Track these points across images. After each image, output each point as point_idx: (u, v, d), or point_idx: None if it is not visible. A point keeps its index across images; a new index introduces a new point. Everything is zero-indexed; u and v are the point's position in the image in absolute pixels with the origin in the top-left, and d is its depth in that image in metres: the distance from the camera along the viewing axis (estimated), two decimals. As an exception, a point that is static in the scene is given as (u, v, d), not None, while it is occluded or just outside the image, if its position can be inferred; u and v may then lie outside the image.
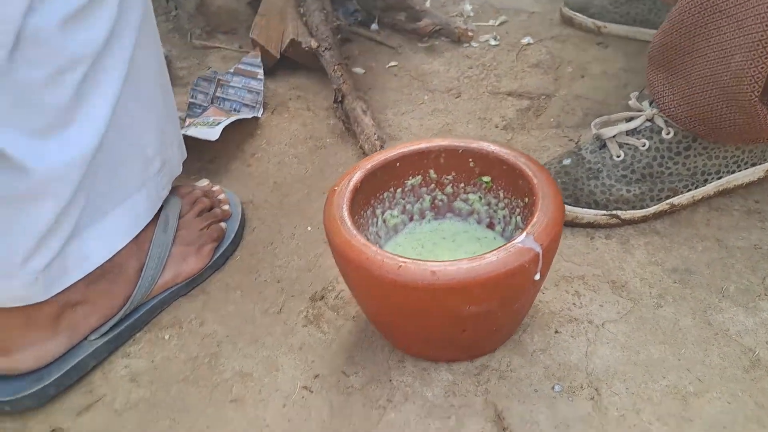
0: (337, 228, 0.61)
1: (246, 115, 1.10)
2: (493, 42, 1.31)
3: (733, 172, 0.82)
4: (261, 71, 1.16)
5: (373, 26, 1.39)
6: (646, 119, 0.80)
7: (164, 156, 0.76)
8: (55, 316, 0.66)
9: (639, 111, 0.83)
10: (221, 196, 0.88)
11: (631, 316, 0.70)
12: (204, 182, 0.90)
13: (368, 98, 1.15)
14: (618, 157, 0.81)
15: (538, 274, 0.58)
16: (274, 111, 1.14)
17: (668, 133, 0.79)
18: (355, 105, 1.06)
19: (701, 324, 0.68)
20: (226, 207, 0.87)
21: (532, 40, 1.30)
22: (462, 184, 0.74)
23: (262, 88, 1.14)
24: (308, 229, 0.87)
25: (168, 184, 0.78)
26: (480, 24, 1.39)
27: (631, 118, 0.83)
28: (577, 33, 1.31)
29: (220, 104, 1.14)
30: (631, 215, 0.81)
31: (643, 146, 0.80)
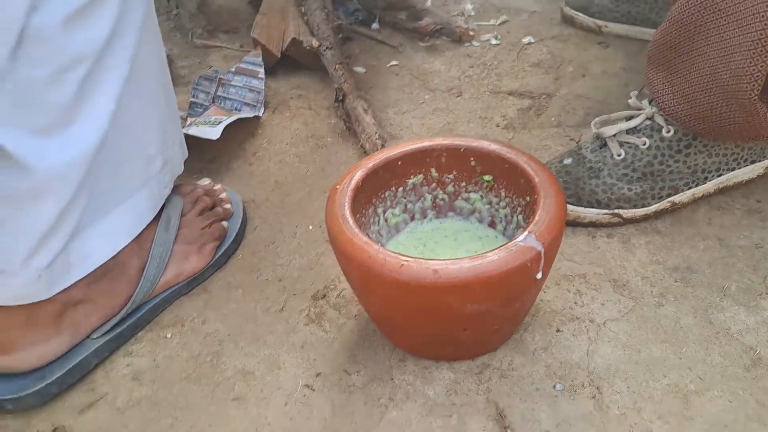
0: (339, 227, 0.61)
1: (247, 114, 1.10)
2: (494, 41, 1.31)
3: (733, 169, 0.82)
4: (262, 70, 1.16)
5: (374, 25, 1.39)
6: (647, 117, 0.81)
7: (166, 155, 0.76)
8: (57, 315, 0.66)
9: (639, 109, 0.83)
10: (223, 194, 0.88)
11: (632, 315, 0.70)
12: (205, 181, 0.90)
13: (369, 97, 1.15)
14: (619, 155, 0.81)
15: (540, 273, 0.58)
16: (275, 110, 1.14)
17: (668, 131, 0.79)
18: (356, 104, 1.06)
19: (702, 323, 0.68)
20: (227, 206, 0.87)
21: (533, 40, 1.30)
22: (463, 183, 0.74)
23: (263, 87, 1.14)
24: (309, 228, 0.87)
25: (170, 182, 0.78)
26: (481, 23, 1.39)
27: (631, 117, 0.83)
28: (578, 32, 1.31)
29: (221, 103, 1.14)
30: (633, 214, 0.81)
31: (644, 145, 0.80)
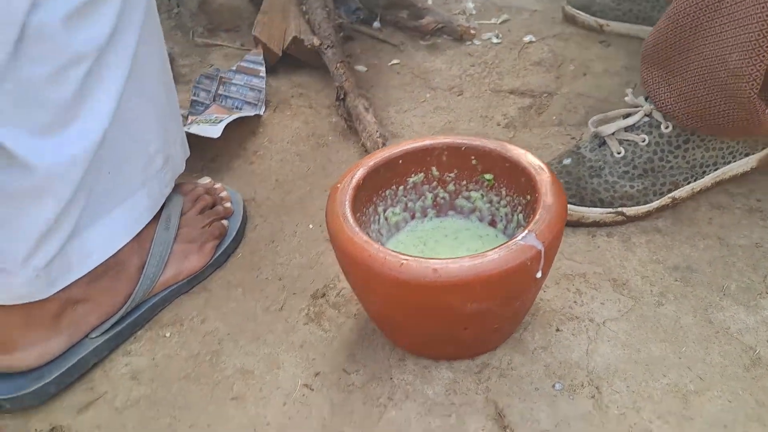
0: (339, 225, 0.61)
1: (248, 112, 1.10)
2: (496, 40, 1.31)
3: (729, 162, 0.82)
4: (263, 69, 1.16)
5: (376, 24, 1.39)
6: (645, 114, 0.81)
7: (167, 153, 0.76)
8: (56, 314, 0.66)
9: (636, 107, 0.83)
10: (223, 193, 0.88)
11: (632, 314, 0.70)
12: (206, 180, 0.90)
13: (370, 96, 1.15)
14: (619, 153, 0.81)
15: (540, 272, 0.58)
16: (276, 109, 1.14)
17: (667, 127, 0.79)
18: (357, 103, 1.06)
19: (702, 322, 0.68)
20: (228, 204, 0.87)
21: (534, 38, 1.30)
22: (464, 182, 0.74)
23: (264, 86, 1.14)
24: (310, 226, 0.87)
25: (171, 181, 0.78)
26: (482, 22, 1.39)
27: (628, 114, 0.83)
28: (580, 31, 1.31)
29: (222, 102, 1.14)
30: (636, 211, 0.81)
31: (643, 141, 0.80)
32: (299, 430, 0.62)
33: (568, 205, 0.80)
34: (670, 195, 0.81)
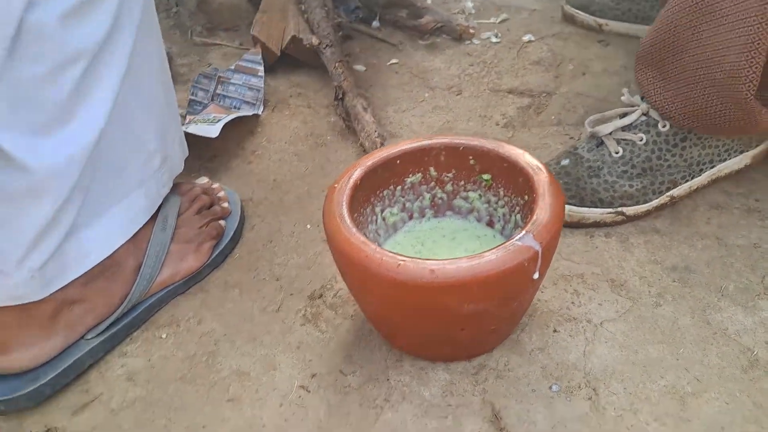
0: (336, 226, 0.60)
1: (246, 112, 1.10)
2: (495, 39, 1.31)
3: (725, 160, 0.83)
4: (261, 68, 1.16)
5: (375, 23, 1.39)
6: (642, 113, 0.81)
7: (165, 153, 0.75)
8: (51, 315, 0.66)
9: (632, 106, 0.83)
10: (221, 193, 0.88)
11: (629, 315, 0.69)
12: (204, 180, 0.90)
13: (369, 95, 1.15)
14: (617, 153, 0.81)
15: (537, 273, 0.58)
16: (274, 108, 1.14)
17: (664, 126, 0.79)
18: (356, 102, 1.05)
19: (700, 323, 0.68)
20: (225, 204, 0.86)
21: (533, 38, 1.30)
22: (462, 182, 0.74)
23: (262, 86, 1.14)
24: (308, 227, 0.87)
25: (169, 181, 0.78)
26: (481, 21, 1.39)
27: (625, 114, 0.83)
28: (579, 31, 1.31)
29: (220, 101, 1.14)
30: (636, 210, 0.81)
31: (641, 140, 0.80)
32: (295, 432, 0.62)
33: (569, 207, 0.80)
34: (668, 193, 0.81)
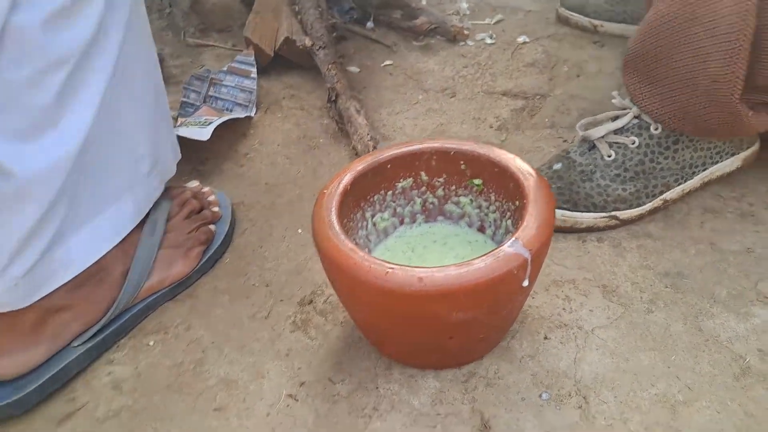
0: (325, 232, 0.60)
1: (239, 114, 1.09)
2: (489, 40, 1.30)
3: (717, 162, 0.82)
4: (254, 70, 1.15)
5: (369, 24, 1.38)
6: (634, 116, 0.80)
7: (155, 157, 0.75)
8: (36, 323, 0.65)
9: (624, 109, 0.82)
10: (211, 197, 0.87)
11: (621, 322, 0.69)
12: (194, 183, 0.89)
13: (362, 97, 1.14)
14: (609, 156, 0.80)
15: (527, 281, 0.57)
16: (267, 110, 1.13)
17: (656, 129, 0.79)
18: (349, 104, 1.05)
19: (692, 330, 0.67)
20: (215, 209, 0.85)
21: (528, 39, 1.29)
22: (453, 187, 0.73)
23: (255, 87, 1.13)
24: (299, 231, 0.86)
25: (160, 185, 0.77)
26: (476, 22, 1.38)
27: (617, 117, 0.82)
28: (574, 32, 1.30)
29: (212, 103, 1.13)
30: (629, 214, 0.80)
31: (633, 144, 0.79)
32: (283, 441, 0.61)
33: (562, 212, 0.80)
34: (662, 197, 0.81)
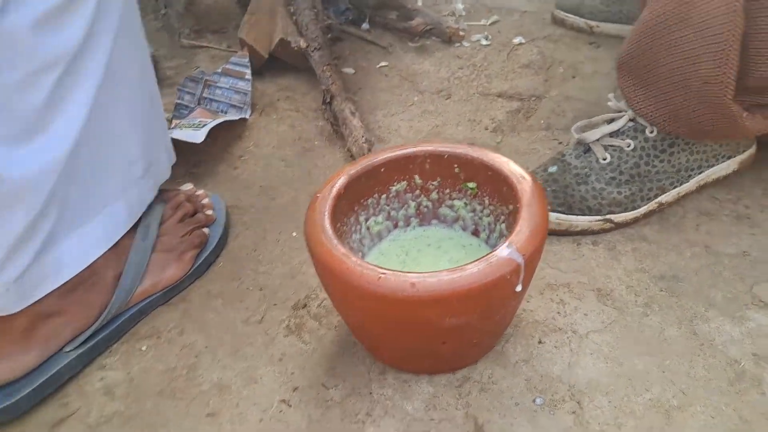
0: (318, 237, 0.59)
1: (233, 116, 1.09)
2: (485, 42, 1.30)
3: (713, 165, 0.82)
4: (249, 71, 1.15)
5: (364, 25, 1.38)
6: (629, 119, 0.80)
7: (149, 160, 0.74)
8: (28, 328, 0.64)
9: (619, 111, 0.82)
10: (205, 200, 0.86)
11: (615, 326, 0.68)
12: (188, 186, 0.89)
13: (358, 99, 1.14)
14: (604, 159, 0.80)
15: (520, 286, 0.57)
16: (262, 112, 1.13)
17: (652, 132, 0.79)
18: (344, 106, 1.04)
19: (687, 334, 0.67)
20: (209, 212, 0.85)
21: (523, 40, 1.29)
22: (447, 190, 0.73)
23: (249, 89, 1.13)
24: (293, 234, 0.86)
25: (153, 188, 0.77)
26: (472, 23, 1.38)
27: (612, 120, 0.82)
28: (569, 32, 1.30)
29: (207, 105, 1.13)
30: (624, 218, 0.80)
31: (629, 147, 0.79)
32: (276, 447, 0.61)
33: (556, 215, 0.79)
34: (657, 200, 0.80)
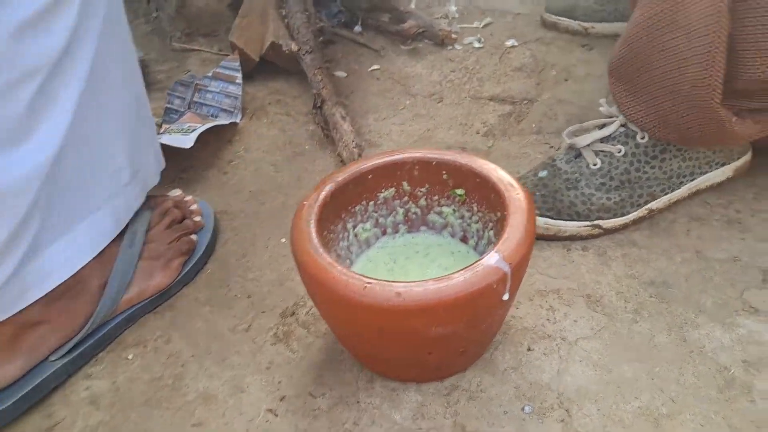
0: (303, 246, 0.59)
1: (223, 120, 1.08)
2: (477, 44, 1.30)
3: (706, 172, 0.82)
4: (239, 75, 1.15)
5: (357, 28, 1.37)
6: (621, 125, 0.79)
7: (136, 167, 0.74)
8: (12, 337, 0.64)
9: (611, 117, 0.82)
10: (193, 206, 0.86)
11: (605, 333, 0.68)
12: (176, 192, 0.88)
13: (349, 103, 1.14)
14: (595, 165, 0.79)
15: (507, 294, 0.56)
16: (252, 116, 1.12)
17: (643, 137, 0.78)
18: (335, 110, 1.04)
19: (677, 340, 0.66)
20: (197, 218, 0.84)
21: (516, 43, 1.28)
22: (436, 197, 0.72)
23: (240, 93, 1.13)
24: (282, 240, 0.85)
25: (141, 194, 0.76)
26: (465, 26, 1.37)
27: (604, 125, 0.82)
28: (562, 35, 1.29)
29: (197, 109, 1.12)
30: (613, 224, 0.79)
31: (619, 152, 0.79)
32: (262, 457, 0.60)
33: (545, 220, 0.79)
34: (647, 206, 0.80)
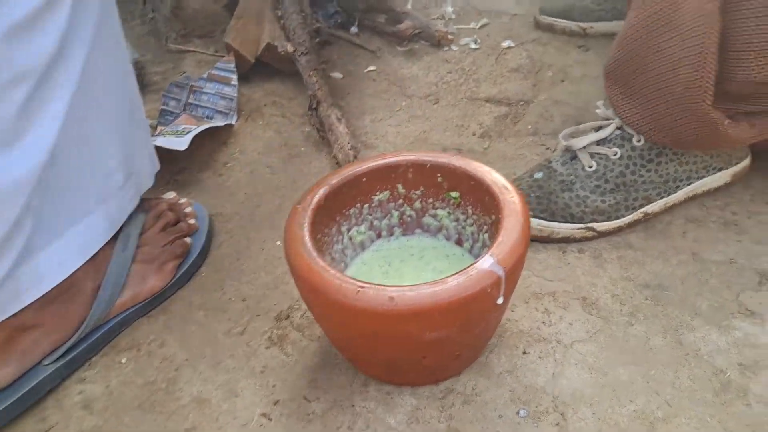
0: (296, 250, 0.59)
1: (218, 122, 1.08)
2: (474, 45, 1.29)
3: (703, 177, 0.81)
4: (235, 77, 1.14)
5: (353, 29, 1.37)
6: (617, 127, 0.79)
7: (129, 169, 0.73)
8: (5, 341, 0.63)
9: (607, 119, 0.81)
10: (188, 209, 0.85)
11: (600, 335, 0.68)
12: (171, 194, 0.87)
13: (345, 104, 1.13)
14: (590, 167, 0.79)
15: (501, 298, 0.56)
16: (248, 118, 1.12)
17: (639, 140, 0.78)
18: (330, 112, 1.04)
19: (672, 343, 0.66)
20: (192, 221, 0.84)
21: (512, 44, 1.28)
22: (431, 200, 0.72)
23: (235, 95, 1.12)
24: (277, 243, 0.85)
25: (135, 197, 0.76)
26: (461, 27, 1.37)
27: (600, 127, 0.81)
28: (559, 36, 1.29)
29: (192, 111, 1.12)
30: (607, 227, 0.79)
31: (615, 155, 0.78)
32: (256, 462, 0.60)
33: (539, 221, 0.79)
34: (642, 210, 0.80)
